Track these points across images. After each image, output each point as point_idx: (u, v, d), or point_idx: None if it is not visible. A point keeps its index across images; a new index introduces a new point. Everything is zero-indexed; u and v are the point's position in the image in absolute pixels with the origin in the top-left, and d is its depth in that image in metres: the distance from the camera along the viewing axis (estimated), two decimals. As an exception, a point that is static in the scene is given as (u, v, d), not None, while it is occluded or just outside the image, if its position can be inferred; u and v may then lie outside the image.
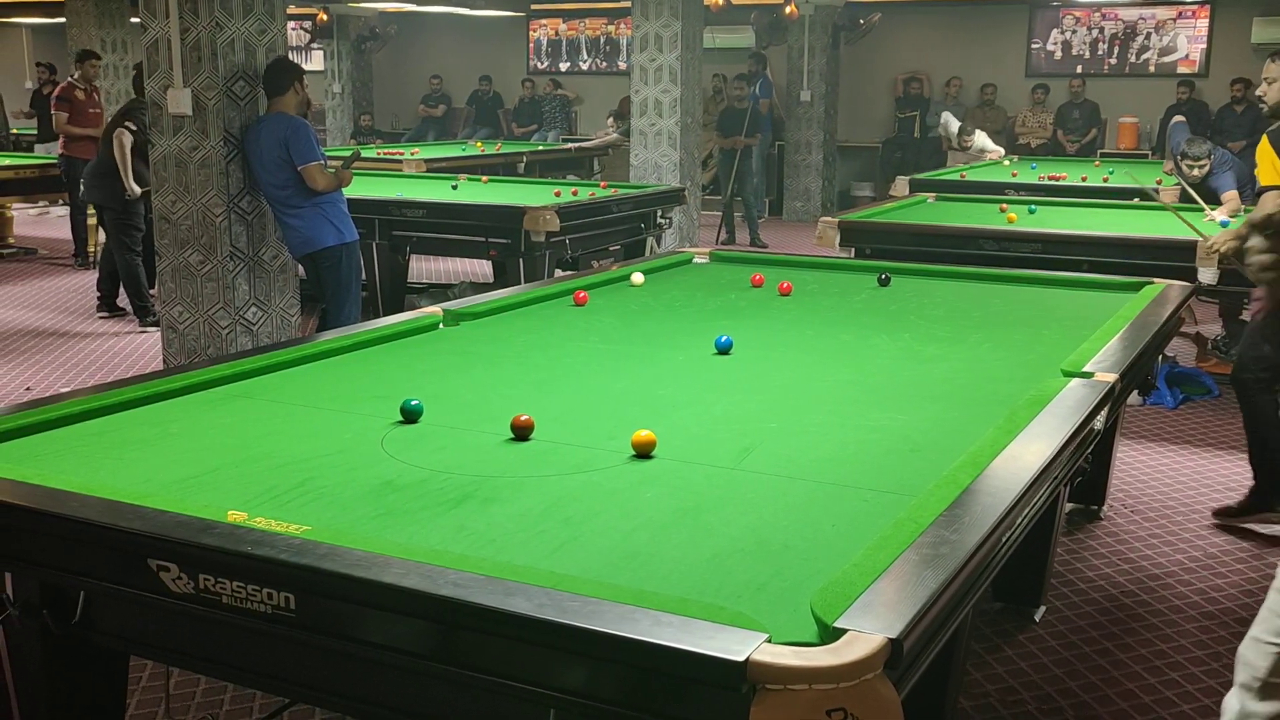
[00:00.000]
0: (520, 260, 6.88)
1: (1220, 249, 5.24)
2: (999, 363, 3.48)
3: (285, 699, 2.88)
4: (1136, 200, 7.80)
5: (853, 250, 6.19)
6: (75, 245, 10.37)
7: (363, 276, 6.11)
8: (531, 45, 16.66)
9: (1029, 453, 2.47)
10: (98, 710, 2.41)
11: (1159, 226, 6.22)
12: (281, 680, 2.16)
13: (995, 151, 11.04)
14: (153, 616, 2.15)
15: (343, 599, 1.85)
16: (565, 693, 1.70)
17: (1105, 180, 9.23)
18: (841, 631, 1.63)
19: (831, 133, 14.01)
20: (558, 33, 16.55)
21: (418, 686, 1.91)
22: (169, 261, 5.68)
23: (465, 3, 13.74)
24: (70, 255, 10.53)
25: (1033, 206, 7.32)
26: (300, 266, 5.91)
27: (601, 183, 9.63)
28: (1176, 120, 9.22)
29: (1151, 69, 13.39)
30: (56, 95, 9.85)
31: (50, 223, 12.97)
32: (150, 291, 7.80)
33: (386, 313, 7.00)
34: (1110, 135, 13.32)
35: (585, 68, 16.48)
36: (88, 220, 10.00)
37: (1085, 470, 4.22)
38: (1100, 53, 13.71)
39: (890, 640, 1.61)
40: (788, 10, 12.76)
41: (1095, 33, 13.71)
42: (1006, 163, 10.63)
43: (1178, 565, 4.19)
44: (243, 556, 1.89)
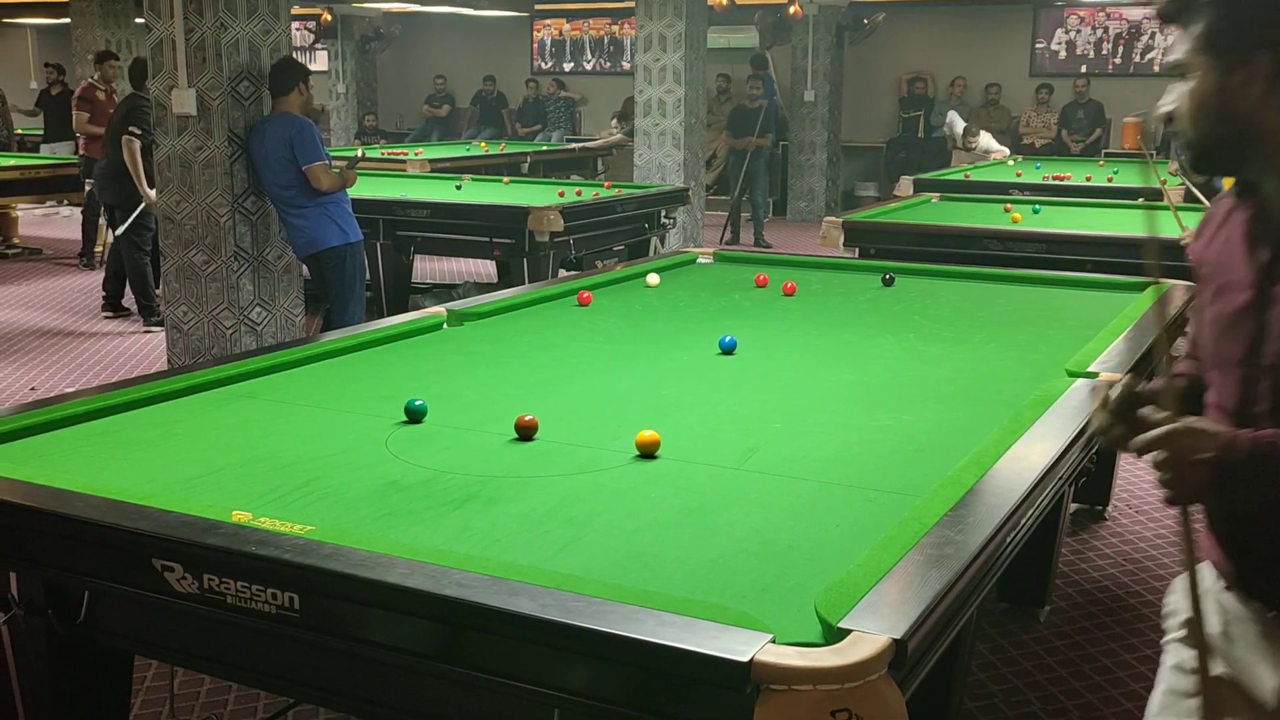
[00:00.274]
0: (524, 260, 6.88)
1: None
2: (1003, 363, 3.47)
3: (289, 699, 2.88)
4: (1141, 201, 7.79)
5: (857, 250, 6.18)
6: (83, 245, 10.37)
7: (367, 277, 6.11)
8: (535, 45, 16.67)
9: (1033, 453, 2.47)
10: (102, 710, 2.41)
11: (1163, 227, 6.20)
12: (286, 680, 2.16)
13: (1000, 151, 11.04)
14: (157, 616, 2.15)
15: (347, 599, 1.85)
16: (569, 693, 1.70)
17: (1110, 180, 9.22)
18: (846, 632, 1.63)
19: (835, 133, 14.01)
20: (561, 33, 16.55)
21: (422, 686, 1.91)
22: (173, 261, 5.69)
23: (469, 3, 13.76)
24: (74, 255, 10.55)
25: (1037, 206, 7.30)
26: (305, 266, 5.91)
27: (605, 183, 9.63)
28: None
29: (1156, 69, 13.36)
30: (78, 95, 9.86)
31: (55, 223, 12.98)
32: (156, 292, 7.81)
33: (390, 313, 7.01)
34: (1114, 135, 13.31)
35: (589, 68, 16.48)
36: (98, 221, 10.00)
37: (1090, 470, 4.22)
38: (1105, 52, 13.70)
39: (895, 641, 1.61)
40: (792, 10, 12.75)
41: (1100, 32, 13.70)
42: (1011, 163, 10.62)
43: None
44: (247, 556, 1.89)
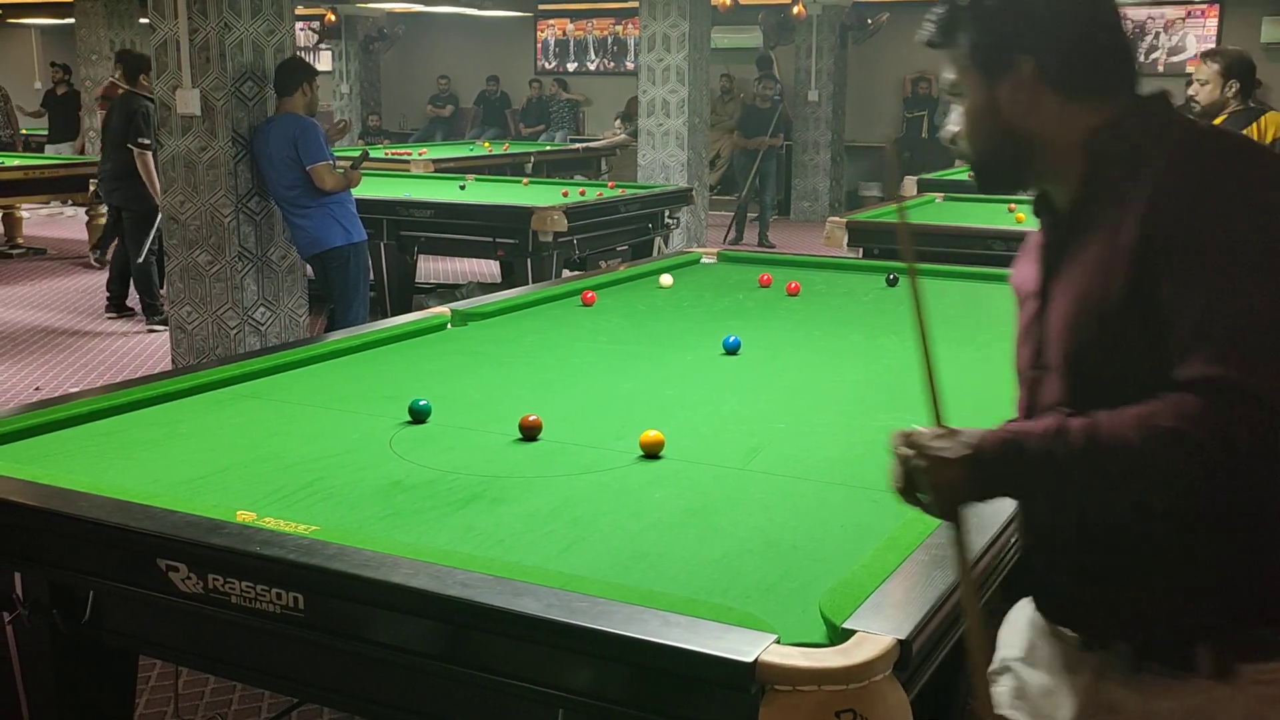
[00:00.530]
0: (528, 260, 6.88)
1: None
2: (1008, 362, 3.46)
3: (293, 699, 2.88)
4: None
5: (860, 250, 6.18)
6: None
7: (371, 277, 6.11)
8: (539, 45, 16.67)
9: (1038, 453, 2.46)
10: (107, 710, 2.41)
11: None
12: (290, 680, 2.17)
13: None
14: (161, 616, 2.15)
15: (351, 599, 1.85)
16: (574, 693, 1.70)
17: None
18: (850, 632, 1.62)
19: (839, 133, 14.00)
20: (565, 33, 16.56)
21: (426, 686, 1.91)
22: (177, 262, 5.70)
23: (473, 3, 13.77)
24: (78, 255, 10.55)
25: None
26: (309, 267, 5.91)
27: (609, 183, 9.63)
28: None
29: (1160, 69, 13.35)
30: (101, 95, 9.84)
31: (60, 223, 13.00)
32: (160, 292, 7.81)
33: (394, 313, 7.01)
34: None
35: (593, 68, 16.49)
36: (98, 221, 9.99)
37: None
38: (1109, 52, 13.68)
39: (899, 641, 1.61)
40: (795, 10, 12.75)
41: (1104, 32, 13.69)
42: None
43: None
44: (252, 556, 1.89)
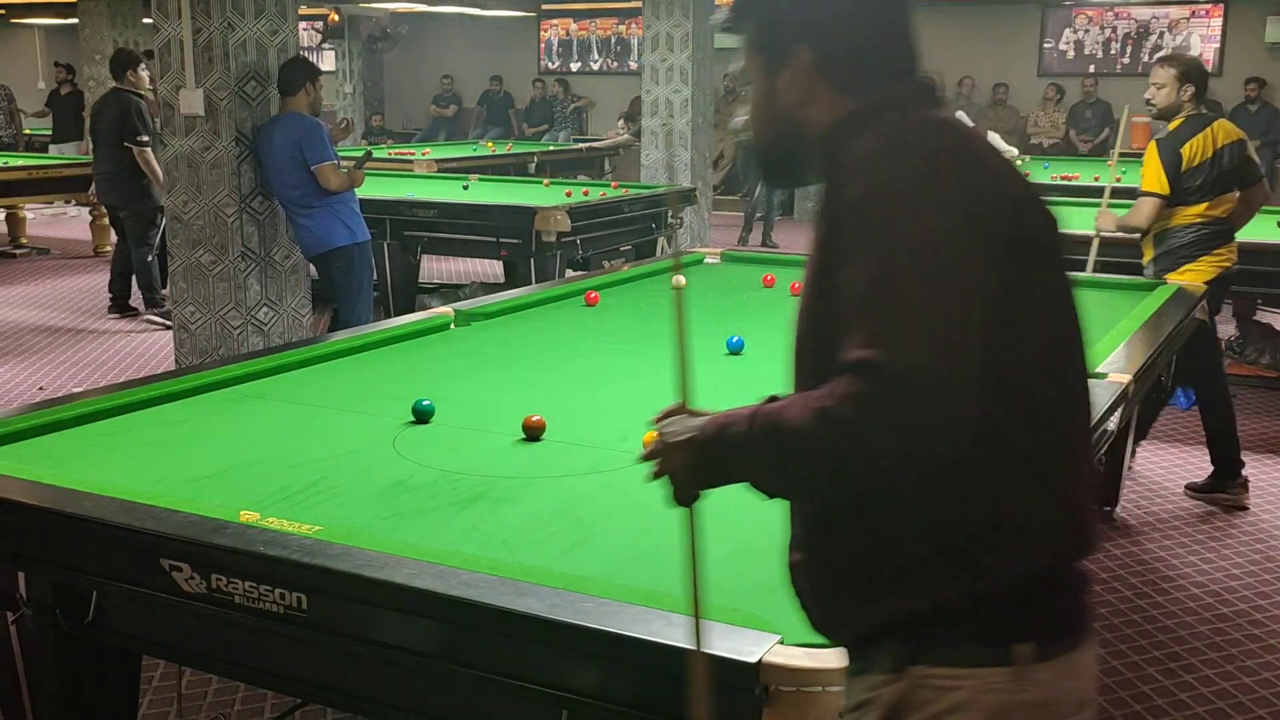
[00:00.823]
0: (531, 260, 6.88)
1: None
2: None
3: (297, 699, 2.88)
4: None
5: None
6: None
7: (374, 277, 6.11)
8: (542, 45, 16.67)
9: (1042, 454, 2.46)
10: (110, 710, 2.41)
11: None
12: (293, 680, 2.16)
13: (1008, 152, 11.01)
14: (165, 616, 2.15)
15: (354, 599, 1.85)
16: (578, 694, 1.70)
17: (1118, 180, 9.19)
18: (854, 633, 1.62)
19: (843, 132, 13.98)
20: (569, 33, 16.55)
21: (429, 687, 1.90)
22: (181, 261, 5.70)
23: (476, 3, 13.76)
24: (81, 256, 10.55)
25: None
26: (312, 266, 5.91)
27: (613, 183, 9.62)
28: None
29: (1164, 68, 13.33)
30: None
31: (64, 223, 13.01)
32: (162, 291, 7.81)
33: (397, 313, 7.01)
34: (1121, 135, 13.26)
35: (596, 68, 16.48)
36: (101, 221, 9.98)
37: (1098, 471, 4.22)
38: (1113, 52, 13.66)
39: (903, 642, 1.60)
40: (799, 10, 12.72)
41: (1108, 32, 13.66)
42: (1019, 163, 10.59)
43: (1190, 566, 4.17)
44: (255, 556, 1.89)
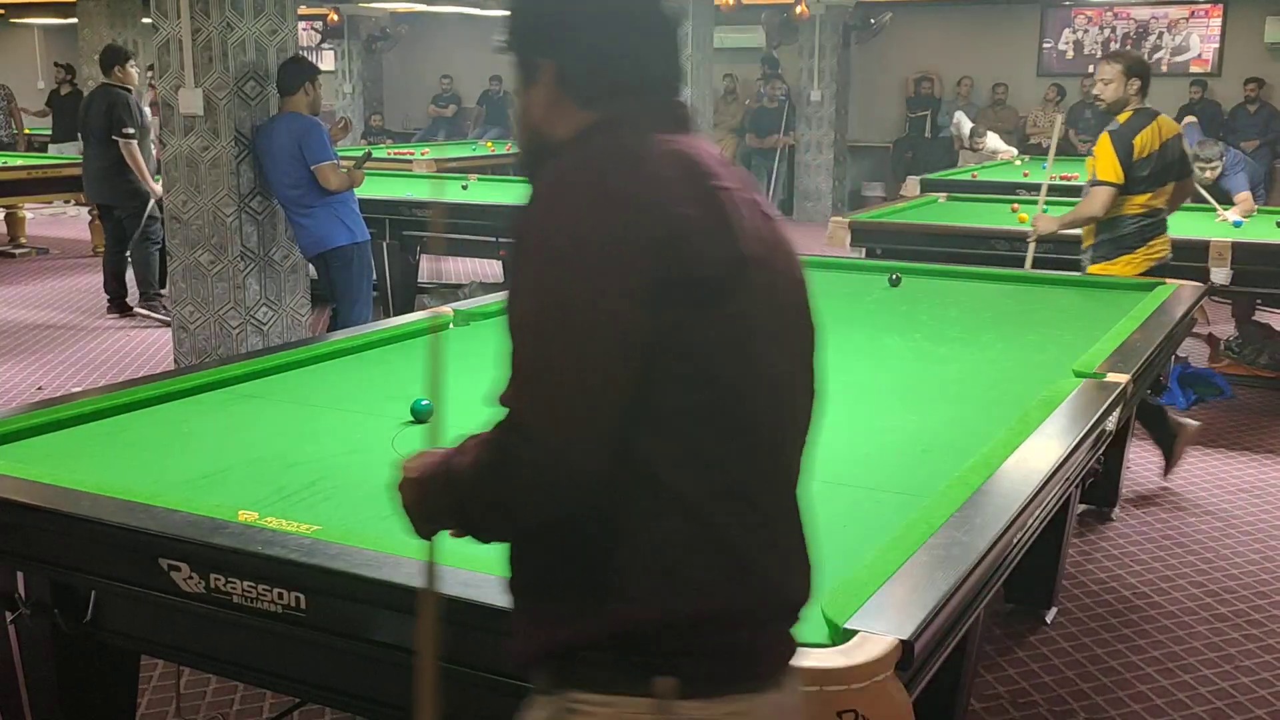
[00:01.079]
0: (530, 260, 6.86)
1: None
2: (1011, 363, 3.47)
3: (295, 699, 2.88)
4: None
5: (863, 250, 6.18)
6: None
7: (374, 276, 6.10)
8: (542, 45, 16.67)
9: (1041, 454, 2.46)
10: (109, 709, 2.41)
11: (1171, 226, 6.18)
12: (291, 680, 2.17)
13: (1007, 152, 11.01)
14: (164, 616, 2.15)
15: (353, 599, 1.85)
16: (575, 693, 1.69)
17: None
18: (852, 633, 1.62)
19: (842, 132, 13.99)
20: (568, 33, 16.55)
21: (428, 687, 1.90)
22: (180, 261, 5.69)
23: (476, 2, 13.75)
24: (80, 255, 10.55)
25: (1045, 207, 7.28)
26: (311, 266, 5.91)
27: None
28: (1188, 121, 9.17)
29: (1164, 68, 13.32)
30: (151, 101, 9.82)
31: (63, 223, 13.00)
32: (161, 291, 7.81)
33: (396, 313, 7.01)
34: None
35: (596, 68, 16.48)
36: (95, 220, 9.97)
37: (1097, 471, 4.22)
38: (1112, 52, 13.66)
39: (901, 642, 1.60)
40: (798, 10, 12.73)
41: (1107, 32, 13.66)
42: (1018, 163, 10.59)
43: (1190, 566, 4.17)
44: (253, 556, 1.89)
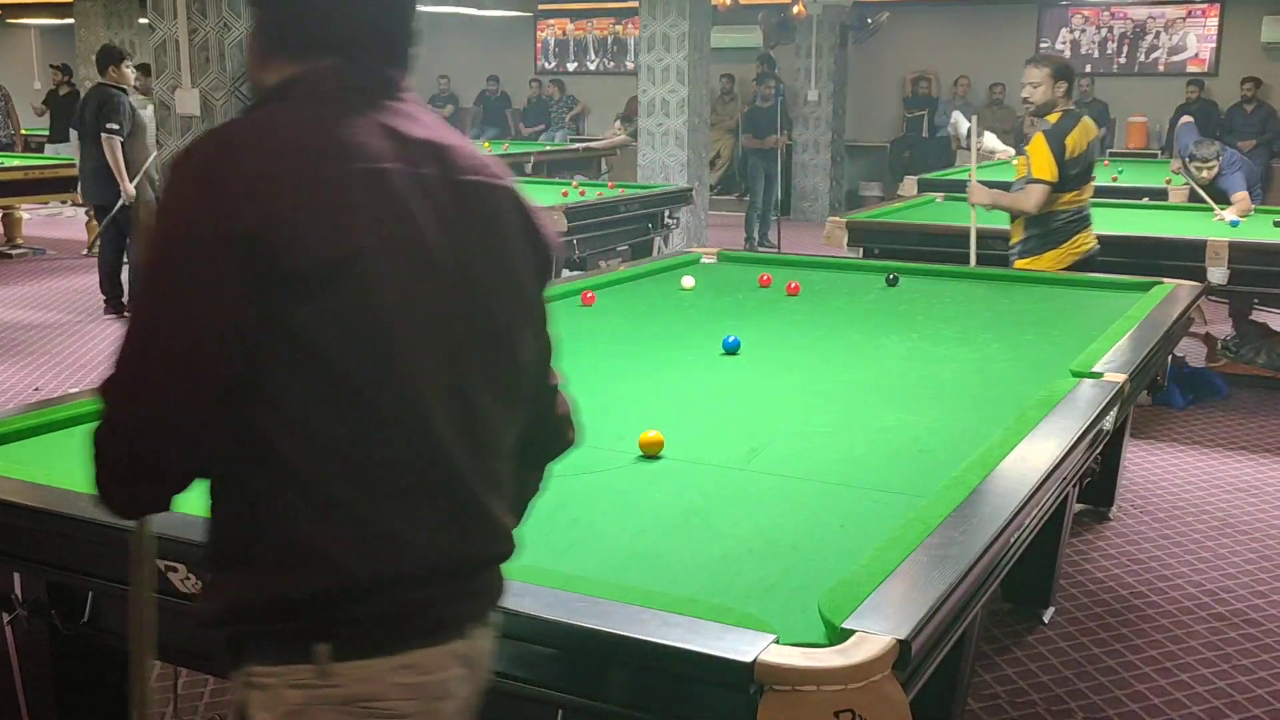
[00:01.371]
0: (528, 260, 6.86)
1: None
2: (1008, 363, 3.47)
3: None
4: (1145, 200, 7.79)
5: (861, 250, 6.18)
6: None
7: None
8: (539, 45, 16.66)
9: (1038, 453, 2.46)
10: (106, 711, 2.41)
11: (1168, 226, 6.20)
12: (289, 680, 2.16)
13: (1004, 152, 11.01)
14: (161, 617, 2.15)
15: (350, 599, 1.84)
16: (573, 694, 1.70)
17: (1114, 180, 9.20)
18: (850, 632, 1.62)
19: (839, 132, 13.99)
20: (565, 33, 16.55)
21: (425, 687, 1.90)
22: (177, 262, 5.69)
23: (473, 3, 13.75)
24: (77, 256, 10.55)
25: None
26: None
27: (609, 183, 9.61)
28: (1185, 121, 9.18)
29: (1161, 68, 13.34)
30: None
31: (60, 223, 12.99)
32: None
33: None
34: (1119, 135, 13.28)
35: (593, 68, 16.47)
36: (92, 221, 9.96)
37: (1094, 471, 4.22)
38: (1109, 52, 13.67)
39: (899, 641, 1.60)
40: (795, 10, 12.74)
41: (1104, 32, 13.67)
42: (1015, 163, 10.58)
43: (1187, 566, 4.17)
44: (250, 557, 1.89)
